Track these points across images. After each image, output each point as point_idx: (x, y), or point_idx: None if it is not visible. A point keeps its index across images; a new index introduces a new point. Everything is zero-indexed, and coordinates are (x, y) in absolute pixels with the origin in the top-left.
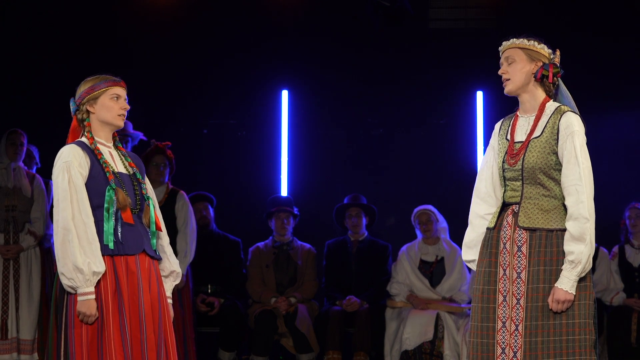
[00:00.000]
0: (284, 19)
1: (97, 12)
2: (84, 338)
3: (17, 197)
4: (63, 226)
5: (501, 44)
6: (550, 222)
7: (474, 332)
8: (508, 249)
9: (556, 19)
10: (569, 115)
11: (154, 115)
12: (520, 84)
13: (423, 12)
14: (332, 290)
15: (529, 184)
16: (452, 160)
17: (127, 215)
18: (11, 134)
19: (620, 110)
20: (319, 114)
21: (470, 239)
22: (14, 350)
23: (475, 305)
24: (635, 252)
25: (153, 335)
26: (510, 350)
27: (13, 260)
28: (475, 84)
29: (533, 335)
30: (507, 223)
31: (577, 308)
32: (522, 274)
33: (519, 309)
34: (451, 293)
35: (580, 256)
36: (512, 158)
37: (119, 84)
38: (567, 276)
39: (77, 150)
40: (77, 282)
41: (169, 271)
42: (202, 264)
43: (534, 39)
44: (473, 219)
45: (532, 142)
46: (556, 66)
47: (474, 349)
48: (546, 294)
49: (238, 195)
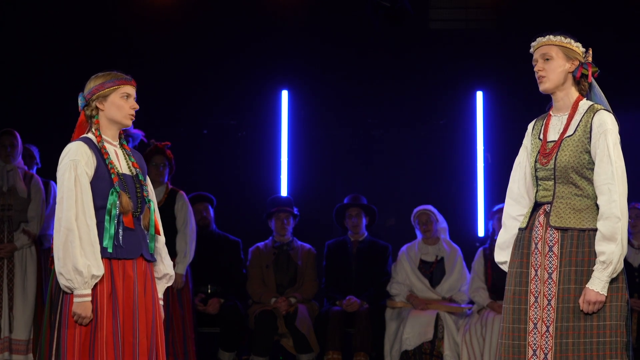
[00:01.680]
0: (284, 19)
1: (97, 12)
2: (76, 338)
3: (12, 197)
4: (66, 226)
5: (535, 39)
6: (582, 222)
7: (504, 333)
8: (540, 250)
9: (556, 19)
10: (602, 113)
11: (154, 115)
12: (557, 82)
13: (423, 12)
14: (332, 290)
15: (561, 183)
16: (452, 160)
17: (128, 220)
18: (1, 135)
19: (620, 110)
20: (319, 114)
21: (502, 240)
22: (6, 350)
23: (506, 306)
24: (635, 253)
25: (145, 339)
26: (542, 352)
27: (7, 260)
28: (475, 84)
29: (564, 336)
30: (538, 223)
31: (608, 310)
32: (554, 274)
33: (550, 310)
34: (451, 293)
35: (612, 256)
36: (544, 157)
37: (130, 83)
38: (599, 277)
39: (84, 148)
40: (75, 284)
41: (163, 274)
42: (202, 264)
43: (569, 36)
44: (506, 220)
45: (565, 140)
46: (594, 65)
47: (505, 351)
48: (577, 295)
49: (238, 196)
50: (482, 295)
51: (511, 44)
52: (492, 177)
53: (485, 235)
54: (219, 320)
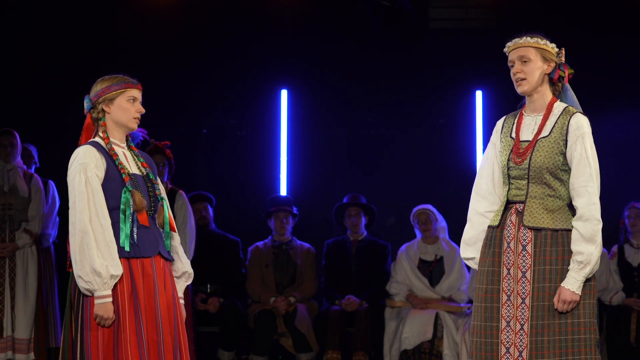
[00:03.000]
0: (284, 18)
1: (96, 12)
2: (100, 340)
3: (13, 196)
4: (80, 229)
5: (511, 40)
6: (556, 222)
7: (476, 331)
8: (512, 248)
9: (556, 18)
10: (579, 116)
11: (154, 115)
12: (535, 84)
13: (423, 11)
14: (332, 289)
15: (534, 183)
16: (452, 159)
17: (143, 218)
18: (1, 135)
19: (620, 110)
20: (319, 113)
21: (469, 236)
22: (9, 349)
23: (477, 304)
24: (634, 252)
25: (170, 337)
26: (516, 349)
27: (9, 259)
28: (474, 84)
29: (539, 334)
30: (511, 222)
31: (582, 307)
32: (528, 273)
33: (524, 308)
34: (450, 292)
35: (590, 257)
36: (518, 157)
37: (136, 86)
38: (575, 277)
39: (92, 152)
40: (94, 285)
41: (182, 272)
42: (202, 263)
43: (543, 37)
44: (472, 216)
45: (540, 141)
46: (569, 67)
47: (477, 349)
48: (552, 294)
49: (237, 195)
50: None
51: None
52: None
53: None
54: (218, 320)
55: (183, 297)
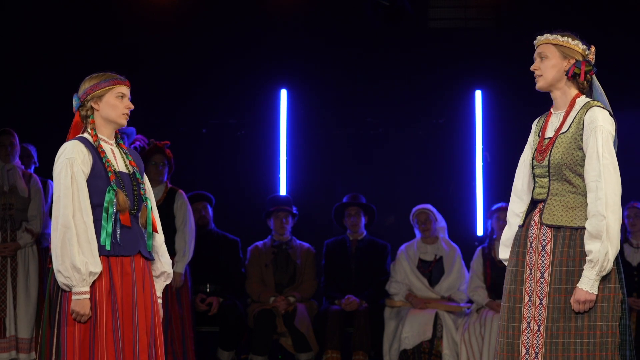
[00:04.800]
0: (283, 18)
1: (96, 12)
2: (76, 336)
3: (13, 196)
4: (63, 224)
5: (536, 38)
6: (575, 220)
7: (501, 331)
8: (534, 248)
9: (556, 18)
10: (595, 109)
11: (154, 115)
12: (551, 80)
13: (422, 11)
14: (331, 289)
15: (555, 180)
16: (451, 159)
17: (125, 218)
18: (0, 135)
19: (620, 109)
20: (318, 113)
21: (506, 237)
22: (13, 349)
23: (503, 304)
24: (634, 252)
25: (145, 336)
26: (533, 351)
27: (10, 258)
28: (474, 83)
29: (554, 336)
30: (533, 222)
31: (599, 310)
32: (546, 273)
33: (541, 309)
34: (450, 292)
35: (598, 255)
36: (540, 154)
37: (124, 83)
38: (587, 276)
39: (80, 147)
40: (73, 281)
41: (160, 272)
42: (201, 263)
43: (568, 35)
44: (510, 217)
45: (560, 137)
46: (589, 64)
47: (501, 349)
48: (568, 295)
49: (237, 195)
50: (480, 295)
51: (510, 43)
52: (491, 176)
53: (484, 234)
54: (218, 319)
55: (161, 297)
